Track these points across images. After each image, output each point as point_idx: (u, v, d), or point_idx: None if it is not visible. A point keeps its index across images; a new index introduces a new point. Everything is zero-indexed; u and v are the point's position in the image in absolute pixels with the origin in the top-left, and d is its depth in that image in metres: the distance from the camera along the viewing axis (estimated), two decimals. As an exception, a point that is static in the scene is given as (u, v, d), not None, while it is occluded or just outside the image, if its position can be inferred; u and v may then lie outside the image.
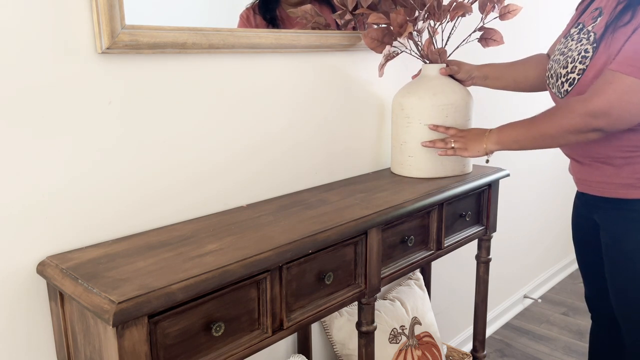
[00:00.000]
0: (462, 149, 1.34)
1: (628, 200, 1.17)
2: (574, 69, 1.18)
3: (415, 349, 1.62)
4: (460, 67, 1.48)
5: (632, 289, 1.22)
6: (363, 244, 1.16)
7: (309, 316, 1.07)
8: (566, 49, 1.23)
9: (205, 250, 0.97)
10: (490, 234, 1.61)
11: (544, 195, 2.75)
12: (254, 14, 1.29)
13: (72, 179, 0.98)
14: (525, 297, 2.73)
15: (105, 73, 1.00)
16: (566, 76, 1.21)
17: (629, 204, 1.18)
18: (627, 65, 1.04)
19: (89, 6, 0.95)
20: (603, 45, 1.12)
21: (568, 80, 1.20)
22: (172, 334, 0.85)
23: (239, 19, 1.28)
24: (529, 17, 2.26)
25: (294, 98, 1.35)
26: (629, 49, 1.05)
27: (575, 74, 1.18)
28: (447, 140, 1.37)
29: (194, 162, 1.17)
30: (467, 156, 1.36)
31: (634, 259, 1.19)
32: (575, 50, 1.19)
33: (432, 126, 1.39)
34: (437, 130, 1.39)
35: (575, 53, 1.19)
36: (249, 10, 1.29)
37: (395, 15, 1.33)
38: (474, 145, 1.32)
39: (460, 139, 1.35)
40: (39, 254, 0.96)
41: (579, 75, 1.17)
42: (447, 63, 1.46)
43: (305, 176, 1.42)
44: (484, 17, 1.45)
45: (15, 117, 0.90)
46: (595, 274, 1.41)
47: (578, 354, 2.31)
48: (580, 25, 1.23)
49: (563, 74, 1.22)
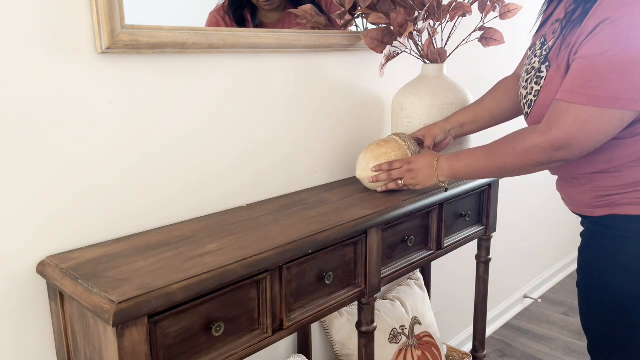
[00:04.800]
0: (413, 184, 1.26)
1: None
2: (531, 90, 1.13)
3: (415, 349, 1.62)
4: (429, 130, 1.38)
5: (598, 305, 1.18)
6: (363, 244, 1.16)
7: (309, 316, 1.07)
8: (530, 67, 1.16)
9: (205, 250, 0.97)
10: (490, 234, 1.61)
11: (544, 195, 2.75)
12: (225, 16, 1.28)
13: (72, 178, 0.98)
14: (525, 297, 2.73)
15: (105, 73, 1.00)
16: (526, 97, 1.16)
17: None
18: (579, 94, 0.98)
19: (89, 6, 0.95)
20: (555, 64, 1.07)
21: (527, 102, 1.15)
22: (172, 334, 0.85)
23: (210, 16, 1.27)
24: (530, 16, 2.25)
25: (294, 98, 1.35)
26: (577, 77, 1.00)
27: (532, 96, 1.13)
28: (394, 177, 1.27)
29: (194, 162, 1.17)
30: (420, 189, 1.28)
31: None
32: (533, 69, 1.13)
33: (374, 168, 1.29)
34: (380, 169, 1.28)
35: (532, 72, 1.13)
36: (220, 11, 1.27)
37: (396, 15, 1.33)
38: (426, 179, 1.24)
39: (408, 173, 1.26)
40: (39, 254, 0.96)
41: (534, 97, 1.12)
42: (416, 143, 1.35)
43: (305, 176, 1.42)
44: (484, 17, 1.45)
45: (14, 117, 0.90)
46: None
47: (578, 354, 2.31)
48: (542, 38, 1.15)
49: (524, 95, 1.17)
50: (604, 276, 1.12)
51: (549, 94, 1.08)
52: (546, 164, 1.08)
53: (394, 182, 1.29)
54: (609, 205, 1.10)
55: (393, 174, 1.28)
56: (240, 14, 1.30)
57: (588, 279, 1.17)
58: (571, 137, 1.01)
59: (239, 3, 1.30)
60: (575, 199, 1.19)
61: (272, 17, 1.37)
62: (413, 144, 1.34)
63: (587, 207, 1.14)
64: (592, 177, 1.11)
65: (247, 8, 1.32)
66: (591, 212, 1.14)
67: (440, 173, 1.22)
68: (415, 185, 1.26)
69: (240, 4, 1.30)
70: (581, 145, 1.02)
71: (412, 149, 1.33)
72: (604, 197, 1.10)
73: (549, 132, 1.03)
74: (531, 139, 1.07)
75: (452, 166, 1.21)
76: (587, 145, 1.02)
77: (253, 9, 1.34)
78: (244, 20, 1.31)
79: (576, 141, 1.01)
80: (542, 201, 2.74)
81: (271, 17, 1.37)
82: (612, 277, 1.10)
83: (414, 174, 1.25)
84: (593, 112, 0.98)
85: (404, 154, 1.31)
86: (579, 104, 0.99)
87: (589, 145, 1.02)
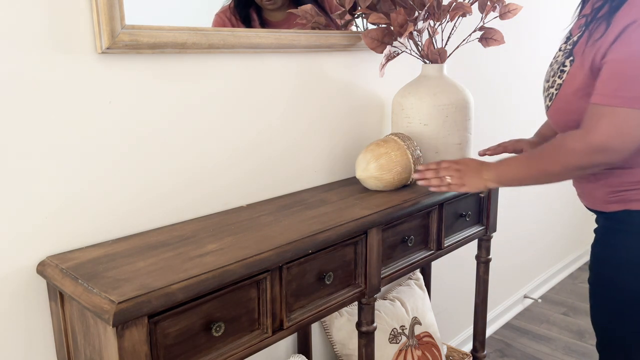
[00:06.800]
0: (459, 184, 1.23)
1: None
2: (553, 83, 1.16)
3: (415, 349, 1.62)
4: (527, 146, 1.44)
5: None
6: (363, 244, 1.16)
7: (309, 316, 1.07)
8: (554, 60, 1.20)
9: (205, 250, 0.97)
10: (490, 234, 1.61)
11: (544, 195, 2.75)
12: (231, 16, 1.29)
13: (72, 178, 0.98)
14: (525, 297, 2.73)
15: (105, 73, 1.00)
16: (548, 90, 1.18)
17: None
18: (614, 97, 1.00)
19: (89, 6, 0.95)
20: (579, 60, 1.09)
21: (549, 94, 1.18)
22: (172, 334, 0.85)
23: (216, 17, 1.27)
24: (530, 16, 2.25)
25: (294, 98, 1.35)
26: (610, 80, 1.01)
27: (554, 89, 1.16)
28: (441, 175, 1.25)
29: (194, 162, 1.17)
30: (465, 191, 1.25)
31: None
32: (557, 63, 1.17)
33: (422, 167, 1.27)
34: (425, 173, 1.26)
35: (556, 66, 1.17)
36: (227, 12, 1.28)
37: (396, 15, 1.33)
38: (472, 180, 1.22)
39: (456, 172, 1.24)
40: (39, 254, 0.96)
41: (556, 90, 1.15)
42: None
43: (305, 176, 1.42)
44: (484, 17, 1.45)
45: (14, 116, 0.90)
46: None
47: (578, 354, 2.32)
48: (568, 32, 1.20)
49: (546, 88, 1.20)
50: (616, 272, 1.13)
51: (569, 88, 1.10)
52: (588, 167, 1.09)
53: (439, 179, 1.26)
54: (623, 200, 1.12)
55: (441, 171, 1.26)
56: (246, 14, 1.31)
57: (600, 275, 1.18)
58: (608, 139, 1.03)
59: (245, 3, 1.30)
60: (590, 193, 1.20)
61: (277, 16, 1.38)
62: (412, 144, 1.34)
63: (602, 202, 1.16)
64: (608, 173, 1.13)
65: (253, 7, 1.33)
66: (605, 208, 1.15)
67: (488, 176, 1.21)
68: (462, 185, 1.24)
69: (246, 4, 1.31)
70: (619, 147, 1.03)
71: (412, 149, 1.33)
72: (618, 193, 1.12)
73: (587, 136, 1.05)
74: (570, 144, 1.08)
75: (498, 171, 1.20)
76: (625, 147, 1.03)
77: (258, 9, 1.35)
78: (250, 20, 1.32)
79: (613, 144, 1.03)
80: (542, 201, 2.74)
81: (276, 16, 1.38)
82: (626, 273, 1.11)
83: (461, 173, 1.24)
84: (629, 114, 1.00)
85: (404, 154, 1.31)
86: (615, 106, 1.00)
87: (627, 146, 1.03)
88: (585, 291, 2.90)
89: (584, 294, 2.88)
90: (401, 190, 1.35)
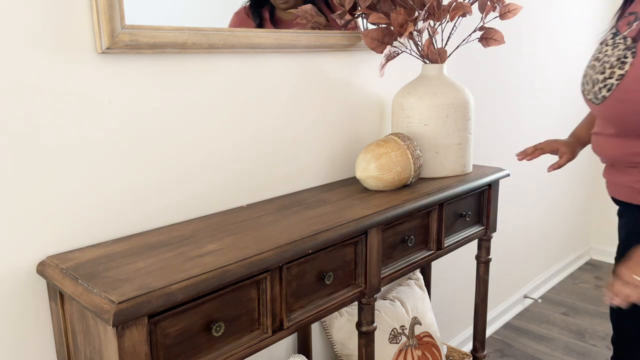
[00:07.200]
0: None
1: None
2: (612, 74, 1.19)
3: (415, 349, 1.62)
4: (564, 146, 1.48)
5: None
6: (363, 244, 1.16)
7: (309, 316, 1.07)
8: (601, 55, 1.24)
9: (205, 250, 0.97)
10: (490, 234, 1.61)
11: (544, 195, 2.75)
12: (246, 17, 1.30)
13: (72, 178, 0.98)
14: (525, 297, 2.73)
15: (105, 73, 1.00)
16: (604, 82, 1.21)
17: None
18: None
19: (89, 6, 0.95)
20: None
21: (606, 86, 1.21)
22: (172, 334, 0.85)
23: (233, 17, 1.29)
24: (530, 16, 2.26)
25: (294, 98, 1.35)
26: None
27: (614, 79, 1.19)
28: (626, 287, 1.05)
29: (195, 162, 1.17)
30: None
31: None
32: (613, 56, 1.20)
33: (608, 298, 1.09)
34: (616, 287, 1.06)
35: (613, 58, 1.20)
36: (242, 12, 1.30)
37: (396, 15, 1.33)
38: None
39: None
40: (39, 254, 0.96)
41: (617, 80, 1.18)
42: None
43: (304, 176, 1.42)
44: (484, 17, 1.45)
45: (14, 116, 0.90)
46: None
47: (578, 354, 2.32)
48: (614, 30, 1.24)
49: (600, 80, 1.22)
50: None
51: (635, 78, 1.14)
52: None
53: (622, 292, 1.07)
54: None
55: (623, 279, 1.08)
56: (259, 13, 1.32)
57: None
58: None
59: (259, 2, 1.32)
60: (621, 184, 1.24)
61: (290, 15, 1.39)
62: (412, 144, 1.34)
63: (637, 193, 1.20)
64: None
65: (267, 7, 1.34)
66: (637, 200, 1.20)
67: None
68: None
69: (261, 3, 1.32)
70: None
71: (412, 149, 1.33)
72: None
73: None
74: None
75: None
76: None
77: (272, 8, 1.36)
78: (263, 19, 1.33)
79: None
80: (543, 201, 2.74)
81: (289, 14, 1.39)
82: None
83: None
84: None
85: (404, 154, 1.31)
86: None
87: None
88: (585, 291, 2.91)
89: (584, 294, 2.88)
90: (401, 190, 1.35)
